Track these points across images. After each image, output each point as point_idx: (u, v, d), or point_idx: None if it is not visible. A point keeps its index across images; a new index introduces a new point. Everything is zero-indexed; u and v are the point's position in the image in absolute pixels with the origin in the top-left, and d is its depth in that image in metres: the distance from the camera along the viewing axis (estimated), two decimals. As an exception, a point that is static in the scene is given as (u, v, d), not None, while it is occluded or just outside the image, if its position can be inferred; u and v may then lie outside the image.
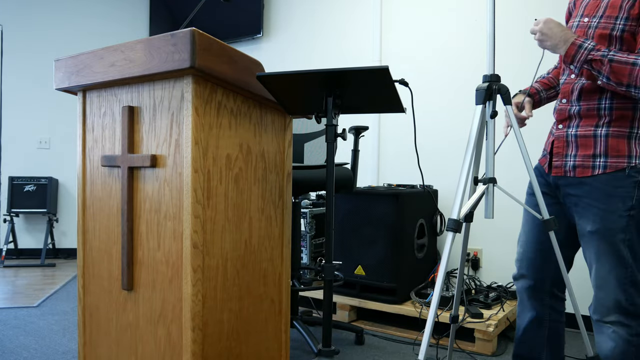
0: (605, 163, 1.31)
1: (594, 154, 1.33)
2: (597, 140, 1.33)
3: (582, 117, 1.36)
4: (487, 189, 1.35)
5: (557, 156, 1.41)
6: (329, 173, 1.36)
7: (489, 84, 1.37)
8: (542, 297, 1.51)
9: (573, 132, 1.37)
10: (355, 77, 1.26)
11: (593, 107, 1.34)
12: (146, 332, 1.34)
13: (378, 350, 2.20)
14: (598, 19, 1.32)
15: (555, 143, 1.41)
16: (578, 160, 1.36)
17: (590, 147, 1.34)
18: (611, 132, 1.31)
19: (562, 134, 1.40)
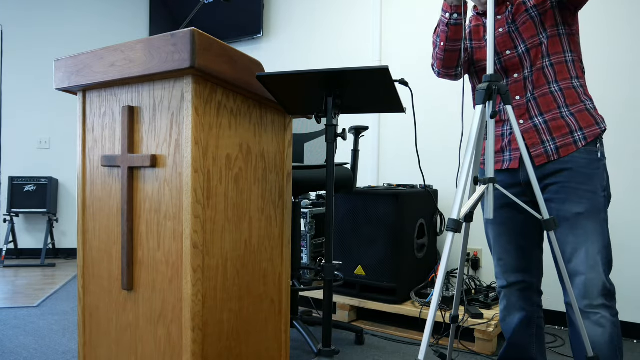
0: (584, 135, 1.40)
1: (571, 131, 1.41)
2: (567, 120, 1.42)
3: (540, 105, 1.45)
4: (487, 189, 1.35)
5: (534, 146, 1.45)
6: (329, 173, 1.36)
7: (489, 84, 1.37)
8: (532, 296, 1.57)
9: (541, 120, 1.45)
10: (355, 77, 1.26)
11: (547, 93, 1.44)
12: (146, 332, 1.34)
13: (378, 350, 2.20)
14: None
15: (526, 135, 1.46)
16: (559, 141, 1.42)
17: (564, 127, 1.42)
18: (572, 109, 1.42)
19: (529, 126, 1.46)
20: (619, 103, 2.51)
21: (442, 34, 1.54)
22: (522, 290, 1.56)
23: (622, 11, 2.51)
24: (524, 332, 1.57)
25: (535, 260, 1.55)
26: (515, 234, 1.54)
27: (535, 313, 1.57)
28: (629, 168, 2.49)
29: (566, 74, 1.44)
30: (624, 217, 2.49)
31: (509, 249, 1.56)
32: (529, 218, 1.52)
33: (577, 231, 1.38)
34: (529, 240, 1.54)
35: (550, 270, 2.67)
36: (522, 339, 1.57)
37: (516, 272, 1.56)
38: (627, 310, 2.48)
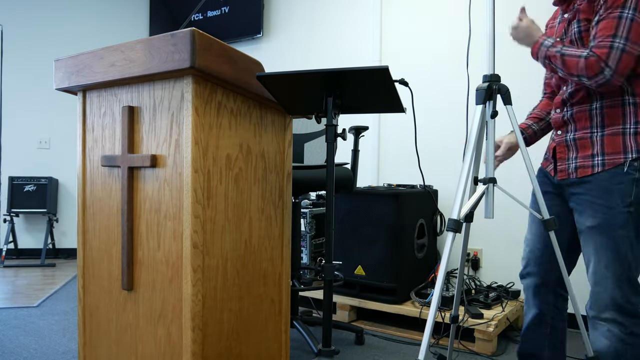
0: (603, 161, 1.36)
1: (592, 154, 1.39)
2: (594, 140, 1.39)
3: (575, 121, 1.43)
4: (487, 189, 1.35)
5: (561, 160, 1.47)
6: (329, 173, 1.36)
7: (489, 84, 1.37)
8: (547, 295, 1.54)
9: (571, 137, 1.44)
10: (355, 77, 1.26)
11: (585, 111, 1.41)
12: (146, 332, 1.34)
13: (378, 350, 2.20)
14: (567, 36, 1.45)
15: (558, 149, 1.48)
16: (579, 161, 1.41)
17: (588, 147, 1.40)
18: (606, 132, 1.37)
19: (562, 140, 1.47)
20: None
21: None
22: (535, 287, 1.54)
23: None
24: (536, 329, 1.55)
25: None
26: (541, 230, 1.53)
27: (550, 313, 1.54)
28: None
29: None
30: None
31: (534, 238, 1.54)
32: (568, 218, 1.49)
33: (589, 245, 1.38)
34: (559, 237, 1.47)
35: (550, 270, 2.67)
36: (534, 336, 1.56)
37: (534, 264, 1.54)
38: (627, 310, 2.47)
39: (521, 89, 2.77)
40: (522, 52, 2.78)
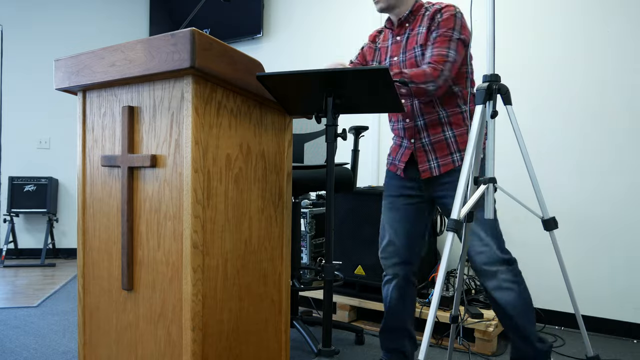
0: (461, 156, 1.65)
1: (450, 152, 1.67)
2: (449, 141, 1.67)
3: (428, 128, 1.69)
4: (487, 189, 1.35)
5: (422, 163, 1.71)
6: (329, 173, 1.36)
7: (489, 84, 1.37)
8: (410, 277, 1.82)
9: (427, 141, 1.70)
10: (355, 77, 1.26)
11: (435, 119, 1.68)
12: (146, 332, 1.34)
13: (378, 350, 2.20)
14: (403, 55, 1.72)
15: (417, 154, 1.71)
16: (441, 160, 1.68)
17: (445, 148, 1.67)
18: (455, 133, 1.68)
19: (419, 146, 1.72)
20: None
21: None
22: (402, 271, 1.80)
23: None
24: (402, 305, 1.82)
25: (418, 247, 1.82)
26: (405, 219, 1.78)
27: (410, 290, 1.83)
28: (632, 175, 2.49)
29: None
30: (626, 221, 2.49)
31: (398, 231, 1.79)
32: (425, 212, 1.79)
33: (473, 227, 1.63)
34: (416, 227, 1.79)
35: (552, 271, 2.67)
36: (400, 312, 1.83)
37: (401, 253, 1.79)
38: (627, 310, 2.48)
39: (521, 89, 2.77)
40: (523, 51, 2.78)
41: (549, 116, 2.70)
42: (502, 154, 2.75)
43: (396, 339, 1.85)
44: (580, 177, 2.61)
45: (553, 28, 2.70)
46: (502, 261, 1.61)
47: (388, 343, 1.86)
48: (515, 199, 1.36)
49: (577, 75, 2.63)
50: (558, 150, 2.67)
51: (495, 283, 1.61)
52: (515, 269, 1.62)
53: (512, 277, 1.61)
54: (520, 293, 1.61)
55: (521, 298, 1.61)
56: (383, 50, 1.81)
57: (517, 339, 1.64)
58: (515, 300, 1.60)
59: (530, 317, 1.62)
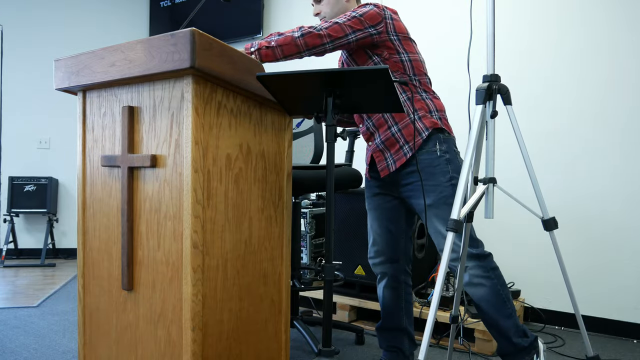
0: (410, 147, 1.66)
1: (400, 146, 1.68)
2: (396, 136, 1.68)
3: (377, 127, 1.72)
4: (487, 189, 1.35)
5: (380, 162, 1.73)
6: (329, 173, 1.36)
7: (489, 84, 1.37)
8: (399, 276, 1.83)
9: (379, 141, 1.72)
10: (355, 77, 1.26)
11: (379, 117, 1.71)
12: (146, 332, 1.34)
13: (378, 350, 2.20)
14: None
15: (375, 155, 1.75)
16: (395, 156, 1.69)
17: (395, 143, 1.69)
18: (400, 126, 1.68)
19: (375, 147, 1.74)
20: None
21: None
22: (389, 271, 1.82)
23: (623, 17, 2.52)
24: (395, 305, 1.84)
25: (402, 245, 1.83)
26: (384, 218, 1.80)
27: (402, 289, 1.85)
28: (631, 175, 2.49)
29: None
30: (623, 221, 2.49)
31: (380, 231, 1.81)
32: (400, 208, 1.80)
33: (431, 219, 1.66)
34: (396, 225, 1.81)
35: (551, 270, 2.67)
36: (394, 311, 1.84)
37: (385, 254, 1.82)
38: (627, 310, 2.48)
39: (521, 89, 2.77)
40: (524, 51, 2.78)
41: (550, 116, 2.70)
42: (502, 154, 2.75)
43: (393, 338, 1.85)
44: (581, 178, 2.61)
45: (553, 28, 2.70)
46: (471, 256, 1.60)
47: (386, 341, 1.87)
48: (515, 199, 1.36)
49: (577, 75, 2.63)
50: (558, 150, 2.67)
51: (466, 279, 1.61)
52: (486, 264, 1.60)
53: (483, 272, 1.59)
54: (491, 287, 1.59)
55: (493, 292, 1.59)
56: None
57: (495, 334, 1.63)
58: (488, 295, 1.59)
59: (505, 311, 1.59)
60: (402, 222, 1.82)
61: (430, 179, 1.64)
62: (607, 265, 2.53)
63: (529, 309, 2.69)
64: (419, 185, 1.65)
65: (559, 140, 2.67)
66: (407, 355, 1.87)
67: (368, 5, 1.65)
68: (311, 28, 1.57)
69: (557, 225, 1.39)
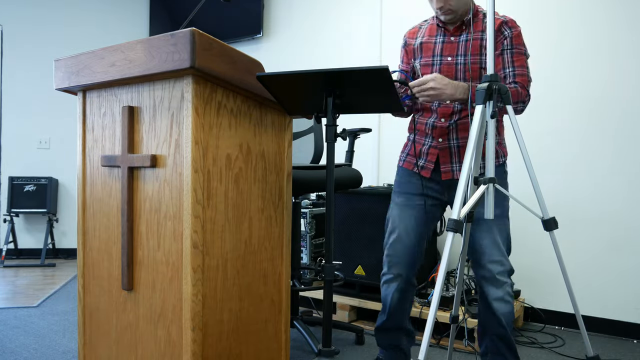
0: (483, 163, 1.61)
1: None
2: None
3: (459, 131, 1.68)
4: (487, 189, 1.35)
5: (444, 164, 1.70)
6: (329, 173, 1.36)
7: (489, 84, 1.37)
8: (412, 278, 1.82)
9: (455, 144, 1.69)
10: (355, 77, 1.26)
11: (466, 123, 1.67)
12: (146, 332, 1.34)
13: (378, 350, 2.20)
14: (463, 57, 1.66)
15: (441, 154, 1.71)
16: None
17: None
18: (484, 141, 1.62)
19: (444, 146, 1.70)
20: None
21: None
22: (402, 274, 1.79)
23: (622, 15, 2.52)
24: (401, 306, 1.82)
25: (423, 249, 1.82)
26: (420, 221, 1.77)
27: (411, 292, 1.84)
28: (631, 173, 2.49)
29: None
30: (623, 221, 2.49)
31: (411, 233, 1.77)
32: (438, 215, 1.80)
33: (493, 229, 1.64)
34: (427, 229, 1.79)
35: (551, 270, 2.67)
36: (399, 312, 1.83)
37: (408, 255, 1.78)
38: (627, 310, 2.48)
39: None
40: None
41: (550, 116, 2.70)
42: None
43: (394, 337, 1.86)
44: (581, 177, 2.61)
45: (553, 28, 2.70)
46: (511, 273, 1.66)
47: (386, 340, 1.87)
48: (515, 199, 1.36)
49: (577, 74, 2.63)
50: (558, 150, 2.67)
51: (500, 294, 1.64)
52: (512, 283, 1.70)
53: (512, 290, 1.69)
54: (513, 306, 1.68)
55: (513, 311, 1.69)
56: (428, 47, 1.74)
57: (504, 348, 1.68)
58: (511, 313, 1.67)
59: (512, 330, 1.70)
60: (431, 227, 1.81)
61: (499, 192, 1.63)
62: (607, 265, 2.53)
63: (529, 309, 2.69)
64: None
65: (558, 140, 2.67)
66: (406, 352, 1.88)
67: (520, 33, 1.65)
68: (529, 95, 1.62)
69: (557, 225, 1.39)
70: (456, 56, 1.67)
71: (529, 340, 2.38)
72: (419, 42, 1.77)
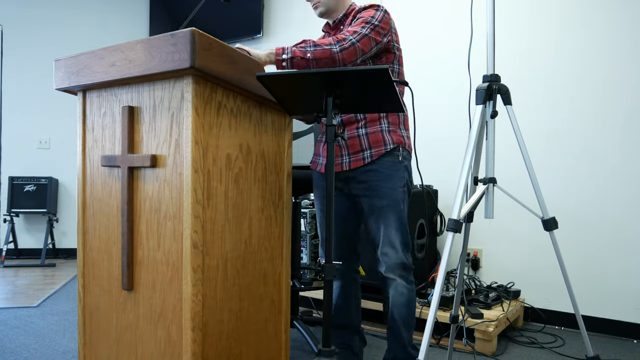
0: (371, 153, 1.65)
1: (362, 149, 1.65)
2: (361, 139, 1.66)
3: (344, 124, 1.68)
4: (487, 189, 1.36)
5: (336, 157, 1.69)
6: (329, 173, 1.36)
7: (489, 84, 1.37)
8: (351, 273, 1.85)
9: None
10: (355, 77, 1.26)
11: (352, 115, 1.67)
12: (146, 332, 1.34)
13: (378, 350, 2.20)
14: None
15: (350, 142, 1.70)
16: (352, 157, 1.67)
17: (357, 145, 1.66)
18: (369, 131, 1.66)
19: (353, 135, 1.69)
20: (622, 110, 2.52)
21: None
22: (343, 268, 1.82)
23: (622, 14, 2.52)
24: (344, 303, 1.85)
25: (353, 243, 1.83)
26: (340, 217, 1.78)
27: (353, 287, 1.86)
28: (629, 174, 2.49)
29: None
30: (623, 221, 2.49)
31: (336, 229, 1.78)
32: (349, 206, 1.77)
33: (380, 219, 1.64)
34: (347, 223, 1.79)
35: (551, 270, 2.67)
36: (345, 309, 1.86)
37: (337, 253, 1.81)
38: (627, 310, 2.48)
39: (521, 89, 2.77)
40: (524, 51, 2.78)
41: (550, 116, 2.70)
42: (502, 154, 2.75)
43: (342, 335, 1.87)
44: (581, 178, 2.61)
45: (553, 28, 2.70)
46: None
47: (337, 339, 1.88)
48: (515, 199, 1.36)
49: (577, 75, 2.63)
50: (558, 150, 2.67)
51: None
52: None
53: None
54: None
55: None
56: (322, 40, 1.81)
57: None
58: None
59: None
60: (354, 220, 1.81)
61: (387, 182, 1.64)
62: (607, 265, 2.53)
63: (529, 309, 2.69)
64: (376, 185, 1.64)
65: (558, 140, 2.67)
66: (357, 352, 1.88)
67: (379, 10, 1.62)
68: (346, 42, 1.52)
69: (557, 225, 1.39)
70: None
71: (529, 340, 2.38)
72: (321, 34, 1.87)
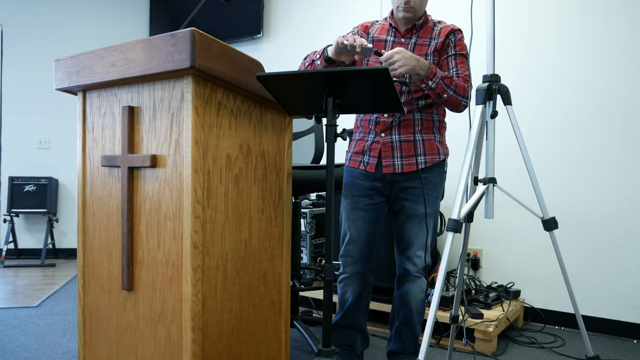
0: (425, 159, 1.72)
1: (416, 154, 1.71)
2: (417, 144, 1.72)
3: (401, 127, 1.72)
4: (487, 189, 1.36)
5: (386, 158, 1.73)
6: (329, 173, 1.36)
7: (489, 84, 1.37)
8: (368, 276, 1.86)
9: (397, 139, 1.72)
10: (355, 77, 1.26)
11: (409, 118, 1.72)
12: (146, 332, 1.34)
13: (378, 350, 2.20)
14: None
15: (382, 148, 1.74)
16: (405, 160, 1.71)
17: (412, 149, 1.71)
18: (425, 137, 1.73)
19: (387, 141, 1.73)
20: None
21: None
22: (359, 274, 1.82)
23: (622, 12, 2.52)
24: (357, 304, 1.84)
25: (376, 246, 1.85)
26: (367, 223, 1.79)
27: (367, 290, 1.88)
28: (630, 179, 2.49)
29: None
30: (623, 221, 2.49)
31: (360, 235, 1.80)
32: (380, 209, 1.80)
33: (419, 225, 1.72)
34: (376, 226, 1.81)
35: (551, 270, 2.67)
36: (355, 310, 1.85)
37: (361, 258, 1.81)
38: (627, 310, 2.48)
39: (521, 89, 2.77)
40: (524, 52, 2.78)
41: (550, 116, 2.70)
42: (502, 153, 2.75)
43: (349, 336, 1.86)
44: (581, 177, 2.61)
45: (553, 28, 2.70)
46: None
47: (339, 339, 1.87)
48: (515, 199, 1.36)
49: (577, 75, 2.63)
50: (558, 150, 2.67)
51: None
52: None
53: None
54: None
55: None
56: (379, 44, 1.80)
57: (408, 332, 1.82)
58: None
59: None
60: (382, 223, 1.83)
61: (434, 190, 1.74)
62: (607, 265, 2.53)
63: (529, 309, 2.69)
64: (420, 192, 1.70)
65: (558, 140, 2.67)
66: (358, 353, 1.88)
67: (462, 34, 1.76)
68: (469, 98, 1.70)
69: (557, 225, 1.39)
70: None
71: (529, 340, 2.38)
72: (371, 37, 1.82)
